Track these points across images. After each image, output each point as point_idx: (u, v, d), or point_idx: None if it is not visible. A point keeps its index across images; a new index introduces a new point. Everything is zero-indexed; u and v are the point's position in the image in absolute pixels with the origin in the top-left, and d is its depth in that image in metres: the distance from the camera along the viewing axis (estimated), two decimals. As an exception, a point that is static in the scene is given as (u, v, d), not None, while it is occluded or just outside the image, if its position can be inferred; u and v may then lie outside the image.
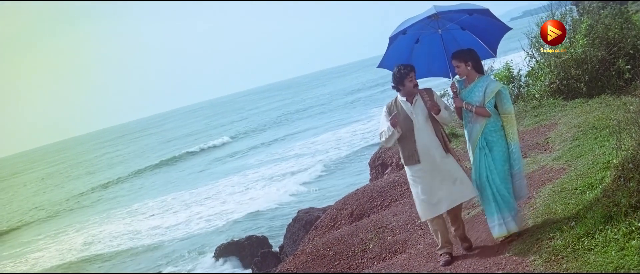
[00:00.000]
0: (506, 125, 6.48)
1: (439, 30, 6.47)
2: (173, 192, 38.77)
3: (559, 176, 8.20)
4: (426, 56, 6.84)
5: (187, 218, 29.08)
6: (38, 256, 30.84)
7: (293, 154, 41.17)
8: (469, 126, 6.51)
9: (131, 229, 30.08)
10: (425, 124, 6.40)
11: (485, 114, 6.33)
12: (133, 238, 28.13)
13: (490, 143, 6.41)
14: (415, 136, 6.39)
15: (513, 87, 15.43)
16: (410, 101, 6.46)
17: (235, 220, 25.94)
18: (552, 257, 5.80)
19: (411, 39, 6.68)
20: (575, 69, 12.96)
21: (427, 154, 6.39)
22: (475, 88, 6.40)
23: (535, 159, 9.56)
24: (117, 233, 30.20)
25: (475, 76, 6.44)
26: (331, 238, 9.99)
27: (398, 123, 6.38)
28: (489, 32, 6.61)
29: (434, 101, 6.42)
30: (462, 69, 6.40)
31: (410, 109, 6.45)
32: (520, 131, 11.73)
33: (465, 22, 6.48)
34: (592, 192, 6.89)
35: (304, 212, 15.56)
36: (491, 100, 6.34)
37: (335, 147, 38.57)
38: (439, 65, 6.86)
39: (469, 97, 6.42)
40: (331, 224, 11.40)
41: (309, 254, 9.74)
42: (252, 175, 36.71)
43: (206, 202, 32.11)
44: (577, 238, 5.88)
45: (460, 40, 6.66)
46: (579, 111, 11.65)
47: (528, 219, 7.02)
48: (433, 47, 6.72)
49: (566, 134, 10.26)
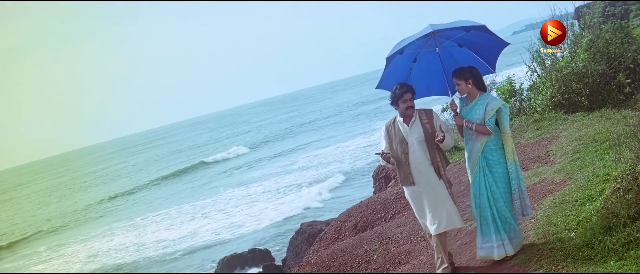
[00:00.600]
0: (504, 144, 6.33)
1: (437, 48, 6.35)
2: (183, 203, 38.78)
3: (560, 188, 8.28)
4: (424, 75, 6.73)
5: (193, 230, 29.11)
6: (42, 268, 30.86)
7: (297, 167, 41.17)
8: (470, 144, 6.37)
9: (136, 242, 30.12)
10: (419, 147, 6.32)
11: (486, 132, 6.20)
12: (138, 250, 28.13)
13: (491, 163, 6.29)
14: (409, 159, 6.33)
15: (515, 100, 15.53)
16: (407, 122, 6.38)
17: (242, 234, 25.96)
18: (552, 267, 5.91)
19: (409, 59, 6.57)
20: (577, 83, 13.05)
21: (421, 176, 6.34)
22: (476, 106, 6.27)
23: (537, 171, 9.64)
24: (122, 245, 30.27)
25: (476, 93, 6.32)
26: (336, 249, 10.09)
27: (390, 157, 6.35)
28: (486, 48, 6.50)
29: (433, 127, 6.34)
30: (463, 87, 6.28)
31: (406, 131, 6.38)
32: (522, 144, 11.86)
33: (462, 39, 6.36)
34: (591, 204, 6.99)
35: (307, 225, 15.64)
36: (492, 118, 6.19)
37: (338, 160, 38.56)
38: (437, 84, 6.74)
39: (470, 115, 6.29)
40: (335, 236, 11.48)
41: (313, 266, 9.84)
42: (256, 188, 36.78)
43: (211, 214, 32.19)
44: (577, 248, 6.00)
45: (458, 58, 6.56)
46: (580, 125, 11.74)
47: (529, 231, 7.13)
48: (431, 65, 6.62)
49: (567, 147, 10.34)
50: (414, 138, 6.31)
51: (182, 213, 35.12)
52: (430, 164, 6.32)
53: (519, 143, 12.02)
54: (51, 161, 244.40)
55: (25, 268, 32.18)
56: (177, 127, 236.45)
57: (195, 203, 37.31)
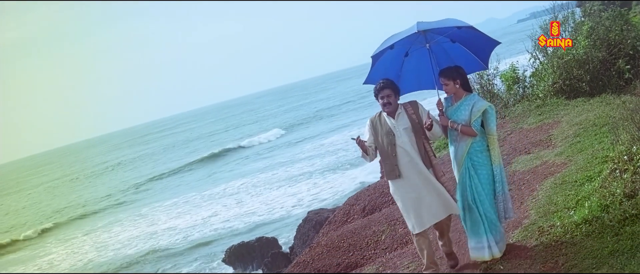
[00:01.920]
0: (490, 146, 6.10)
1: (427, 44, 6.20)
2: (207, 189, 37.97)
3: (561, 170, 8.53)
4: (415, 69, 6.59)
5: (251, 209, 28.14)
6: (51, 258, 30.91)
7: (305, 156, 40.55)
8: (455, 144, 6.20)
9: (148, 231, 29.77)
10: (407, 139, 6.10)
11: (471, 133, 6.02)
12: (150, 238, 27.92)
13: (476, 164, 6.11)
14: (396, 151, 6.10)
15: (518, 87, 15.75)
16: (392, 115, 6.18)
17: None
18: (552, 242, 6.18)
19: (401, 53, 6.42)
20: (578, 70, 13.29)
21: (409, 169, 6.09)
22: (462, 106, 6.11)
23: (538, 155, 9.87)
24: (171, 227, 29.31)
25: (462, 93, 6.17)
26: (345, 231, 10.34)
27: (365, 145, 6.12)
28: (478, 45, 6.36)
29: (419, 117, 6.15)
30: (450, 87, 6.13)
31: (392, 123, 6.17)
32: (524, 128, 12.10)
33: (455, 34, 6.19)
34: (590, 184, 7.26)
35: (314, 213, 15.68)
36: (477, 119, 6.02)
37: (344, 148, 37.98)
38: (428, 79, 6.54)
39: (455, 116, 6.12)
40: (345, 219, 11.73)
41: (324, 246, 10.08)
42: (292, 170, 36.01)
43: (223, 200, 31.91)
44: (575, 225, 6.27)
45: (451, 53, 6.43)
46: (580, 110, 11.98)
47: (530, 210, 7.39)
48: (422, 60, 6.46)
49: (568, 131, 10.57)
50: (401, 128, 6.11)
51: (234, 192, 34.20)
52: (418, 154, 6.10)
53: (522, 128, 12.26)
54: (56, 153, 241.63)
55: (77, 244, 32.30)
56: (181, 118, 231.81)
57: (236, 183, 36.80)
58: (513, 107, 14.71)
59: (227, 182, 38.25)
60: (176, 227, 28.50)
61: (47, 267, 28.80)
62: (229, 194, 33.76)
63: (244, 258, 18.57)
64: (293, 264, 10.46)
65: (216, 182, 40.16)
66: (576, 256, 5.73)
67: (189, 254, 23.41)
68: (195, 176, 47.34)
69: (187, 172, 51.40)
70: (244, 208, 28.67)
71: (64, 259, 29.55)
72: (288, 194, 28.65)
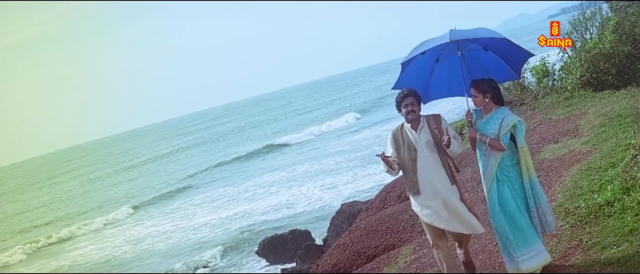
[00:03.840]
0: (521, 160, 5.79)
1: (459, 52, 5.98)
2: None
3: (586, 158, 8.89)
4: (446, 76, 6.35)
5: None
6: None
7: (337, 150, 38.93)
8: (484, 158, 5.92)
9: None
10: (429, 154, 5.81)
11: (499, 147, 5.73)
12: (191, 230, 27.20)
13: (509, 179, 5.82)
14: (417, 166, 5.82)
15: (548, 80, 16.03)
16: (415, 127, 5.89)
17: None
18: (577, 222, 6.60)
19: (431, 59, 6.19)
20: (604, 63, 13.55)
21: (429, 186, 5.79)
22: (492, 120, 5.82)
23: (566, 144, 10.21)
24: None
25: (493, 107, 5.88)
26: (383, 215, 10.75)
27: (390, 160, 5.84)
28: (511, 55, 6.12)
29: (442, 132, 5.83)
30: (479, 100, 5.87)
31: (414, 137, 5.88)
32: (553, 119, 12.40)
33: (487, 43, 5.96)
34: (613, 170, 7.64)
35: (348, 205, 15.72)
36: (507, 133, 5.72)
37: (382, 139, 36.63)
38: (459, 86, 6.21)
39: (485, 129, 5.85)
40: (381, 205, 12.12)
41: (363, 229, 10.51)
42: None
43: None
44: (598, 206, 6.68)
45: (484, 60, 6.18)
46: (606, 101, 12.28)
47: (557, 193, 7.78)
48: (453, 67, 6.21)
49: (594, 122, 10.88)
50: (423, 143, 5.82)
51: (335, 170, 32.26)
52: (442, 169, 5.81)
53: (551, 119, 12.57)
54: (82, 147, 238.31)
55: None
56: (216, 111, 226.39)
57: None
58: (543, 99, 14.99)
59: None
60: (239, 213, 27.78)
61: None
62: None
63: (277, 250, 18.32)
64: (334, 246, 10.87)
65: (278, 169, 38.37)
66: (599, 234, 6.13)
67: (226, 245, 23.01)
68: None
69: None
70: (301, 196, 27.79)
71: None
72: (327, 185, 28.19)
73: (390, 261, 8.60)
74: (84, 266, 26.44)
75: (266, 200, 28.65)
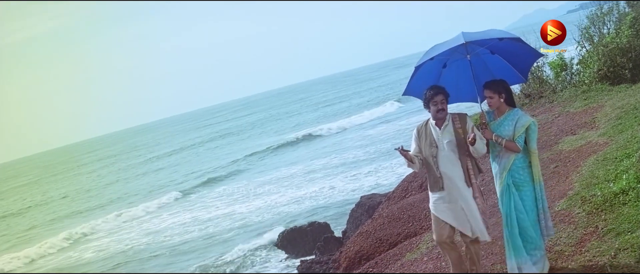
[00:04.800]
0: (532, 163, 5.75)
1: (468, 55, 5.82)
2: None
3: (602, 149, 9.09)
4: (454, 81, 6.19)
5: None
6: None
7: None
8: (497, 160, 5.85)
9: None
10: (450, 152, 5.78)
11: (515, 149, 5.66)
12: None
13: (518, 182, 5.74)
14: (438, 163, 5.80)
15: (565, 74, 16.19)
16: (439, 125, 5.83)
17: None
18: (593, 210, 6.84)
19: (438, 64, 6.12)
20: (621, 57, 13.71)
21: (450, 182, 5.78)
22: (505, 121, 5.75)
23: (583, 135, 10.40)
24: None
25: (505, 108, 5.80)
26: (405, 204, 10.99)
27: (409, 155, 5.81)
28: (519, 56, 6.05)
29: (466, 132, 5.75)
30: (495, 100, 5.77)
31: (437, 135, 5.84)
32: (571, 112, 12.59)
33: (495, 46, 5.89)
34: (628, 160, 7.85)
35: (367, 197, 15.78)
36: (521, 135, 5.67)
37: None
38: (467, 90, 6.21)
39: (498, 131, 5.76)
40: (403, 195, 12.34)
41: (385, 218, 10.75)
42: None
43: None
44: (614, 194, 6.90)
45: (490, 65, 6.12)
46: (623, 95, 12.43)
47: (574, 183, 7.99)
48: (461, 71, 6.15)
49: (611, 114, 11.06)
50: (445, 142, 5.78)
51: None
52: (459, 170, 5.78)
53: (569, 111, 12.74)
54: (104, 139, 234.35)
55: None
56: (233, 105, 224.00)
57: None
58: (561, 93, 15.16)
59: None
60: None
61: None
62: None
63: (296, 242, 18.22)
64: (357, 234, 11.10)
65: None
66: (614, 221, 6.35)
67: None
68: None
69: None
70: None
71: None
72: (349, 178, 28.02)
73: (412, 247, 8.81)
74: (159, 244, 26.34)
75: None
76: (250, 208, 27.69)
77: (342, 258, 10.77)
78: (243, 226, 24.88)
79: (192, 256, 22.70)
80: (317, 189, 27.58)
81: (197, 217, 29.37)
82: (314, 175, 31.74)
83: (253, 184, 34.32)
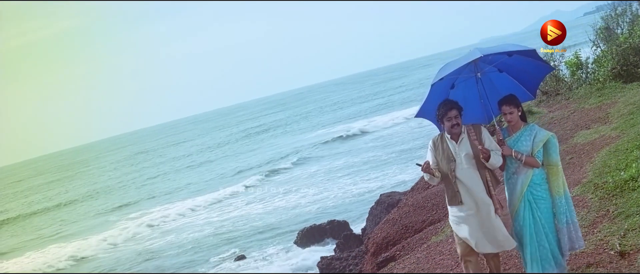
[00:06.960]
0: (552, 177, 5.48)
1: (478, 74, 5.62)
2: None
3: (615, 141, 9.54)
4: (462, 101, 5.72)
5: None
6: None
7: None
8: (514, 177, 5.57)
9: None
10: (468, 165, 5.50)
11: (536, 164, 5.42)
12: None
13: (537, 198, 5.47)
14: (456, 176, 5.50)
15: (581, 73, 16.53)
16: (455, 139, 5.57)
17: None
18: (605, 195, 7.30)
19: (447, 85, 5.79)
20: (634, 56, 14.06)
21: (469, 196, 5.49)
22: (522, 137, 5.52)
23: (597, 129, 10.84)
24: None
25: (520, 124, 5.58)
26: (429, 193, 11.39)
27: (431, 168, 5.53)
28: (528, 72, 5.79)
29: (482, 143, 5.51)
30: (514, 115, 5.52)
31: (454, 148, 5.56)
32: (586, 108, 12.96)
33: (503, 64, 5.69)
34: (638, 151, 8.30)
35: (386, 195, 15.84)
36: (540, 150, 5.45)
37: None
38: (474, 111, 5.86)
39: (516, 147, 5.52)
40: (426, 186, 12.71)
41: (410, 206, 11.13)
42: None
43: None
44: (624, 181, 7.36)
45: (497, 83, 5.85)
46: (635, 92, 12.84)
47: (588, 172, 8.42)
48: (468, 92, 5.82)
49: (623, 110, 11.48)
50: (462, 155, 5.50)
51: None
52: (480, 182, 5.50)
53: (584, 108, 13.13)
54: (134, 135, 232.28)
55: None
56: (254, 105, 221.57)
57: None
58: (576, 90, 15.53)
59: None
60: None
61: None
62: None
63: (315, 240, 18.26)
64: (384, 221, 11.49)
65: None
66: (624, 205, 6.79)
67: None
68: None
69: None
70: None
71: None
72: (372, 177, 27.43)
73: (437, 231, 9.22)
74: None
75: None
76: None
77: (370, 243, 11.10)
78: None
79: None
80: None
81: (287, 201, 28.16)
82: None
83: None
